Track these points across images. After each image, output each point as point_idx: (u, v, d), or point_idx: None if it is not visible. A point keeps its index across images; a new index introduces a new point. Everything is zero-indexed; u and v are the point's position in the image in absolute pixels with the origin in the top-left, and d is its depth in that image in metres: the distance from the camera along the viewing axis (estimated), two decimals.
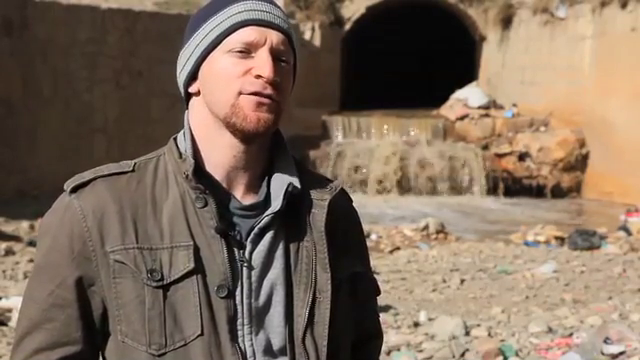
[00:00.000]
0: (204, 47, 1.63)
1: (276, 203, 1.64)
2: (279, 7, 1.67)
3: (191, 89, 1.67)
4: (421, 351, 6.38)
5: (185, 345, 1.58)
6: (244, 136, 1.61)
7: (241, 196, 1.66)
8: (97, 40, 14.38)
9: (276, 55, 1.61)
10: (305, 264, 1.65)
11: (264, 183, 1.67)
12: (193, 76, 1.66)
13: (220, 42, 1.62)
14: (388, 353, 6.25)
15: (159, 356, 1.59)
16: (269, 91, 1.59)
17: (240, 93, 1.59)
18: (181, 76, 1.68)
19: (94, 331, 1.64)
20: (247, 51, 1.60)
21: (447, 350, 6.29)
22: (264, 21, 1.62)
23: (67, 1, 14.13)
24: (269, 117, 1.60)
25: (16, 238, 10.28)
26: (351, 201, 1.83)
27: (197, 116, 1.66)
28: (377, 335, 1.90)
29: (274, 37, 1.62)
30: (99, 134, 14.63)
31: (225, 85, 1.60)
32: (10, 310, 6.66)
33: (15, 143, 13.09)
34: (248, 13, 1.62)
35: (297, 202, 1.66)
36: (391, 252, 11.53)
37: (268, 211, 1.64)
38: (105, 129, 14.73)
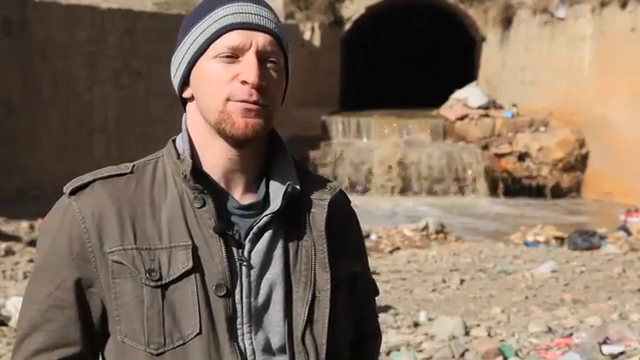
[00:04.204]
0: (192, 53, 1.64)
1: (275, 203, 1.65)
2: (267, 6, 1.67)
3: (185, 94, 1.69)
4: (421, 351, 6.38)
5: (184, 344, 1.59)
6: (234, 141, 1.63)
7: (240, 196, 1.67)
8: (97, 40, 14.38)
9: (263, 57, 1.62)
10: (304, 263, 1.66)
11: (262, 184, 1.68)
12: (185, 81, 1.67)
13: (207, 47, 1.63)
14: (388, 353, 6.25)
15: (158, 355, 1.59)
16: (255, 97, 1.60)
17: (228, 100, 1.60)
18: (174, 81, 1.70)
19: (93, 332, 1.65)
20: (234, 55, 1.61)
21: (447, 350, 6.28)
22: (249, 24, 1.62)
23: (67, 1, 14.12)
24: (257, 122, 1.61)
25: (16, 238, 10.28)
26: (349, 201, 1.84)
27: (193, 120, 1.68)
28: (376, 335, 1.91)
29: (260, 39, 1.62)
30: (99, 134, 14.63)
31: (214, 92, 1.61)
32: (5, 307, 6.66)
33: (15, 143, 13.08)
34: (234, 16, 1.62)
35: (296, 202, 1.67)
36: (391, 252, 11.54)
37: (267, 211, 1.65)
38: (105, 129, 14.73)
